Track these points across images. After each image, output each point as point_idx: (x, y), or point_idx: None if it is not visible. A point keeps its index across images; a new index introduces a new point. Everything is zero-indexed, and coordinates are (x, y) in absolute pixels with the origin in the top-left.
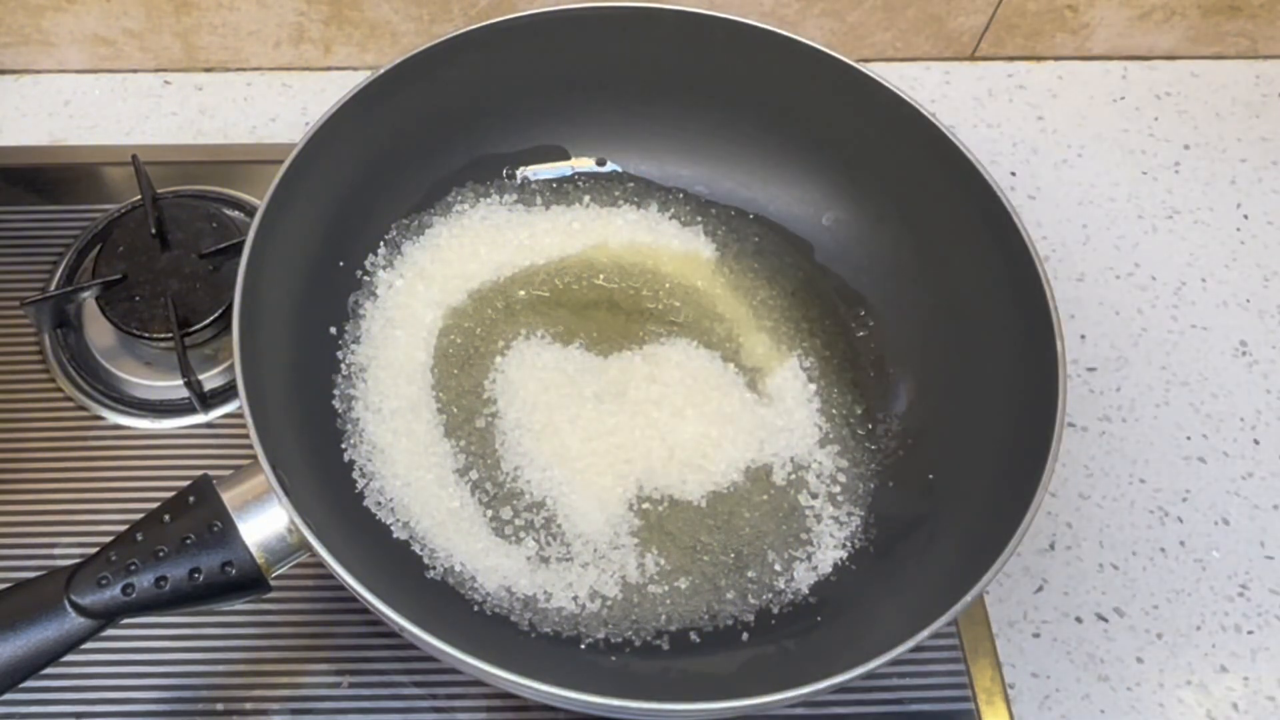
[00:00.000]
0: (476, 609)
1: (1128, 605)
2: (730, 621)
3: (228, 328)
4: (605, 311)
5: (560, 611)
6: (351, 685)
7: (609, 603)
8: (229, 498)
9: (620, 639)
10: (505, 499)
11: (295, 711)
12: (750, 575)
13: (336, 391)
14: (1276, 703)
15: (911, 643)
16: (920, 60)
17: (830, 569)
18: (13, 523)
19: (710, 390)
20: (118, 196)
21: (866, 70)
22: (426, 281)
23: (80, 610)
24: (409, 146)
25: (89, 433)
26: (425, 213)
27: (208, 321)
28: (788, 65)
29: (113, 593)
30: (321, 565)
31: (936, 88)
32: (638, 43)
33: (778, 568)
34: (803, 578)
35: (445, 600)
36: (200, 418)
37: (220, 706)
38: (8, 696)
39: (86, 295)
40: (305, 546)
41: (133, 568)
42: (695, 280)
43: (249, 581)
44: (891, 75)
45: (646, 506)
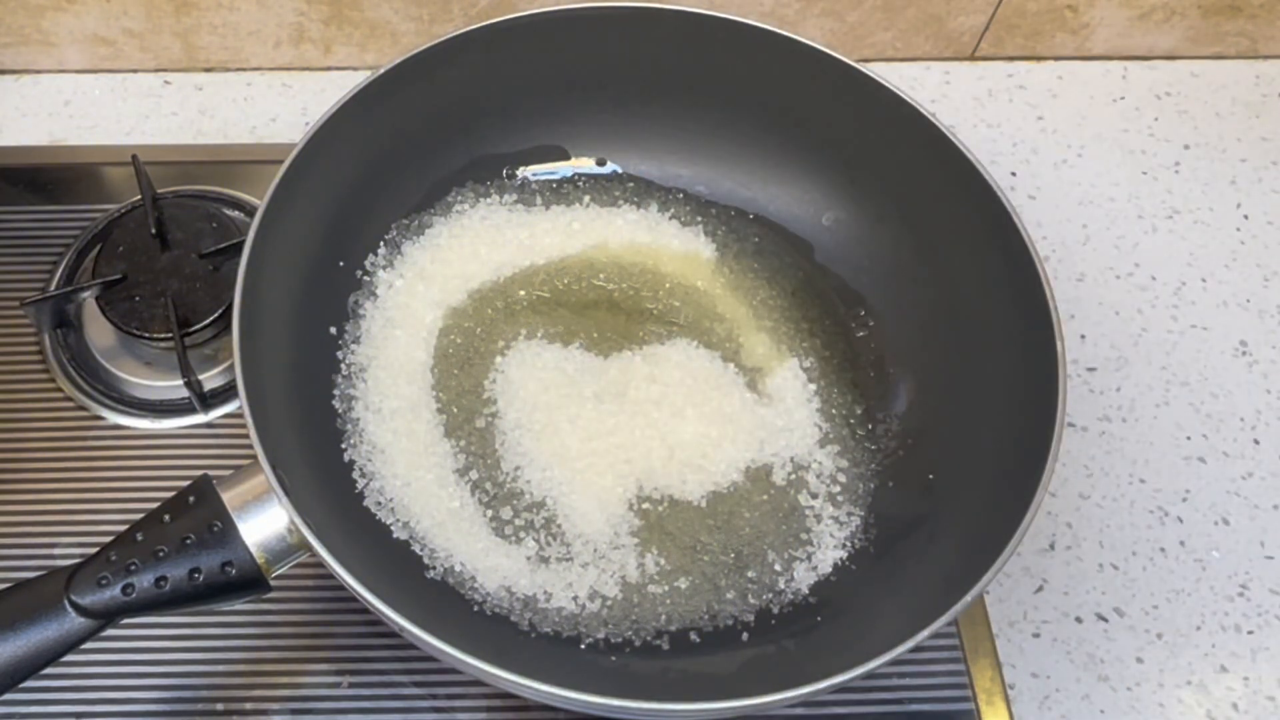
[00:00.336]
0: (476, 609)
1: (1128, 605)
2: (730, 621)
3: (228, 328)
4: (605, 311)
5: (560, 611)
6: (351, 685)
7: (609, 603)
8: (229, 498)
9: (620, 639)
10: (505, 499)
11: (295, 711)
12: (750, 575)
13: (336, 391)
14: (1276, 702)
15: (911, 643)
16: (920, 60)
17: (830, 569)
18: (13, 522)
19: (710, 390)
20: (118, 196)
21: (866, 70)
22: (426, 281)
23: (80, 610)
24: (409, 146)
25: (89, 433)
26: (425, 213)
27: (208, 321)
28: (788, 65)
29: (113, 593)
30: (321, 565)
31: (937, 88)
32: (638, 43)
33: (778, 568)
34: (803, 578)
35: (445, 600)
36: (200, 418)
37: (220, 706)
38: (8, 696)
39: (86, 295)
40: (305, 546)
41: (133, 568)
42: (695, 280)
43: (249, 581)
44: (892, 75)
45: (646, 506)
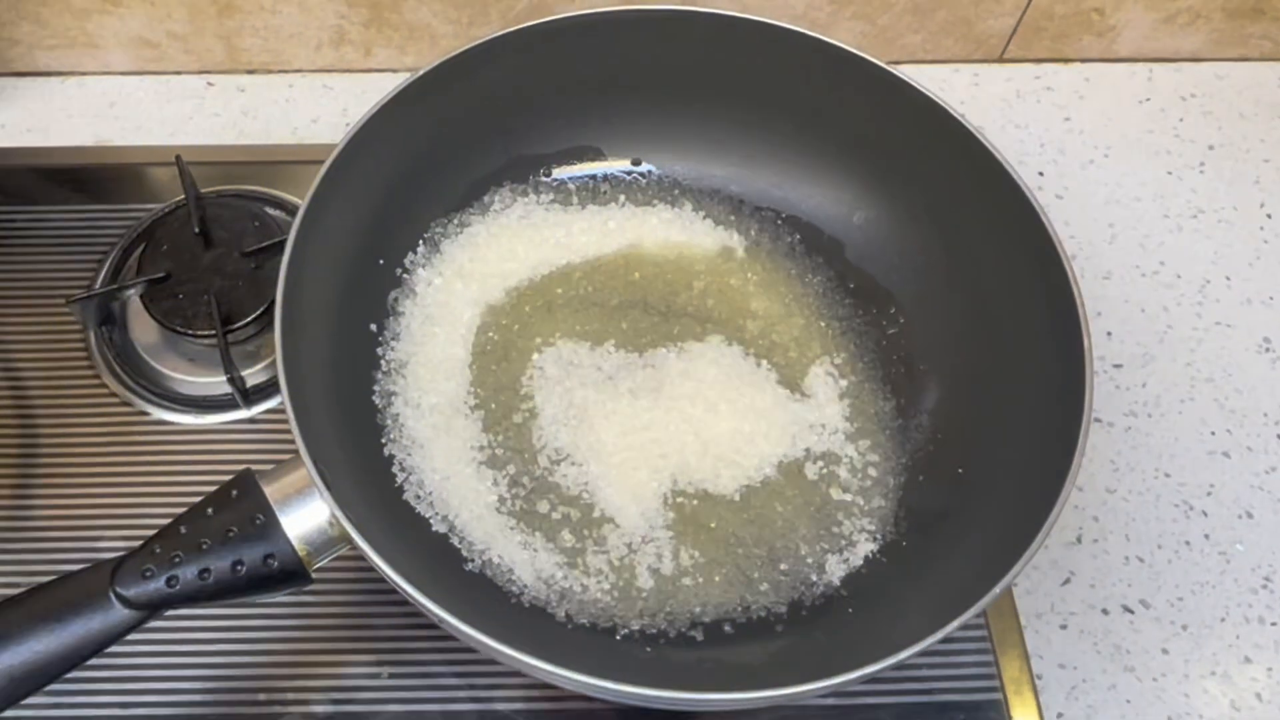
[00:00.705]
0: (514, 601)
1: (1153, 597)
2: (763, 613)
3: (269, 325)
4: (640, 309)
5: (596, 603)
6: (391, 676)
7: (644, 594)
8: (271, 491)
9: (655, 630)
10: (542, 492)
11: (336, 701)
12: (783, 568)
13: (376, 387)
14: None
15: (941, 634)
16: (949, 62)
17: (861, 562)
18: (59, 516)
19: (743, 386)
20: (162, 196)
21: (897, 72)
22: (465, 279)
23: (125, 602)
24: (447, 147)
25: (133, 428)
26: (463, 212)
27: (250, 319)
28: (819, 67)
29: (157, 585)
30: (362, 558)
31: (965, 89)
32: (672, 45)
33: (810, 560)
34: (834, 570)
35: (483, 592)
36: (243, 413)
37: (262, 696)
38: (54, 687)
39: (131, 293)
40: (346, 539)
41: (176, 560)
42: (728, 278)
43: (291, 574)
44: (921, 77)
45: (681, 500)
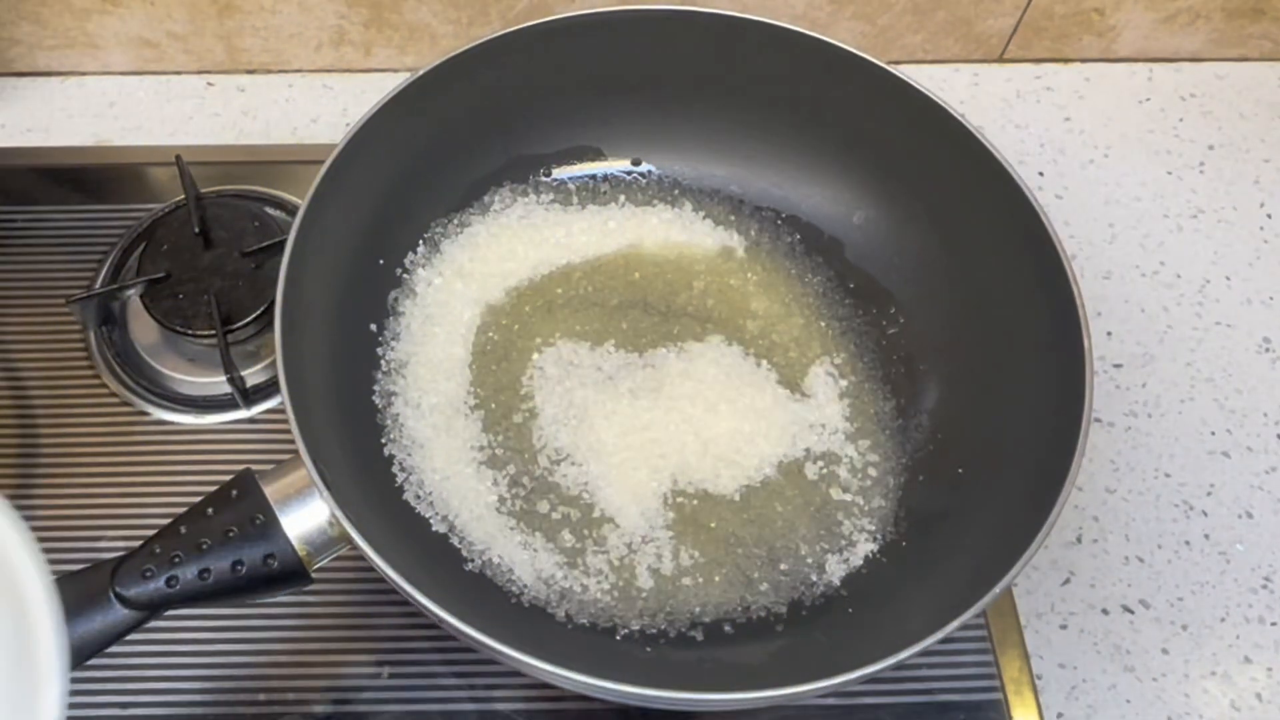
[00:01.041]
0: (514, 600)
1: (1153, 597)
2: (763, 613)
3: (269, 325)
4: (640, 309)
5: (596, 603)
6: (391, 675)
7: (644, 594)
8: (271, 491)
9: (655, 630)
10: (542, 492)
11: (336, 701)
12: (783, 568)
13: (376, 387)
14: None
15: (941, 634)
16: (949, 62)
17: (861, 562)
18: (59, 516)
19: (743, 386)
20: (162, 196)
21: (897, 72)
22: (465, 279)
23: (125, 602)
24: (447, 147)
25: (133, 428)
26: (464, 212)
27: (250, 319)
28: (819, 67)
29: (157, 585)
30: (362, 558)
31: (965, 89)
32: (672, 45)
33: (810, 560)
34: (834, 570)
35: (483, 592)
36: (242, 413)
37: (262, 696)
38: None
39: (131, 293)
40: (346, 539)
41: (176, 560)
42: (728, 278)
43: (291, 574)
44: (921, 77)
45: (681, 500)
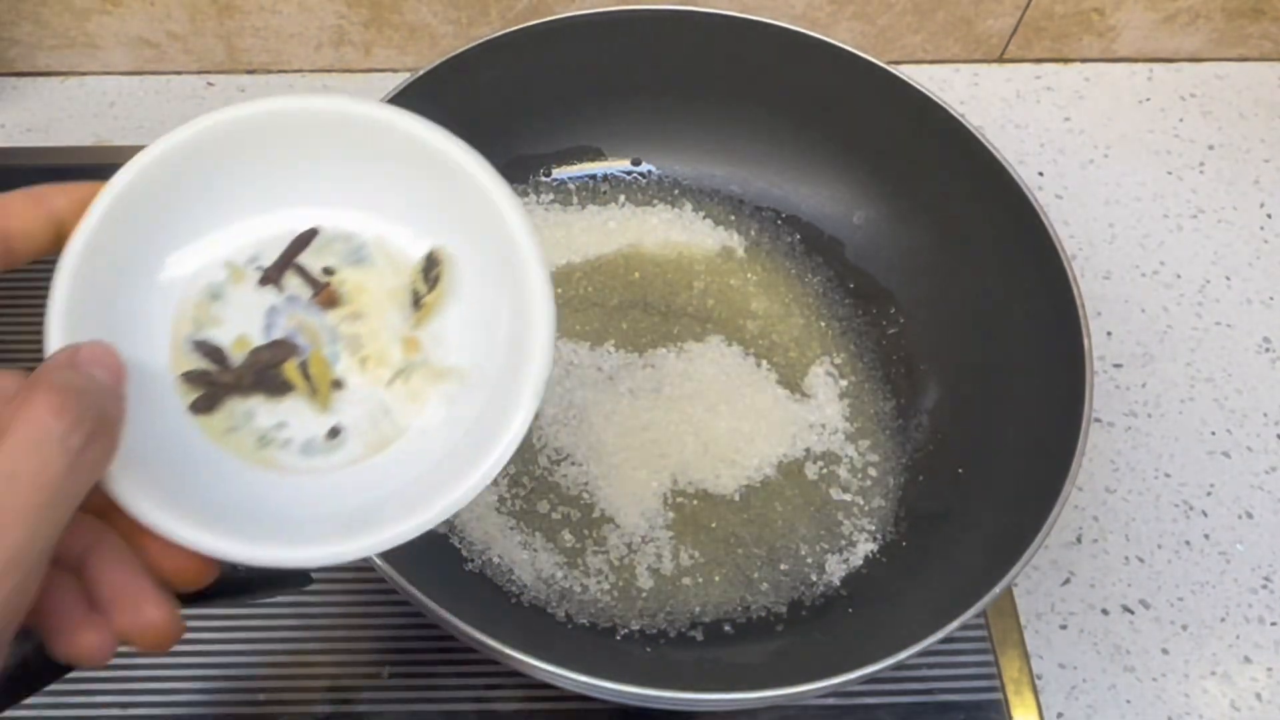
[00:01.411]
0: (514, 600)
1: (1153, 597)
2: (763, 613)
3: None
4: (640, 309)
5: (596, 603)
6: (391, 675)
7: (644, 594)
8: None
9: (655, 630)
10: (542, 492)
11: (336, 701)
12: (783, 568)
13: None
14: None
15: (941, 634)
16: (949, 62)
17: (861, 561)
18: None
19: (743, 386)
20: None
21: (897, 72)
22: None
23: None
24: None
25: None
26: None
27: None
28: (819, 67)
29: None
30: (362, 558)
31: (965, 89)
32: (672, 45)
33: (810, 560)
34: (834, 570)
35: (483, 592)
36: None
37: (262, 696)
38: (54, 687)
39: None
40: None
41: None
42: (728, 278)
43: (291, 574)
44: (921, 77)
45: (681, 500)
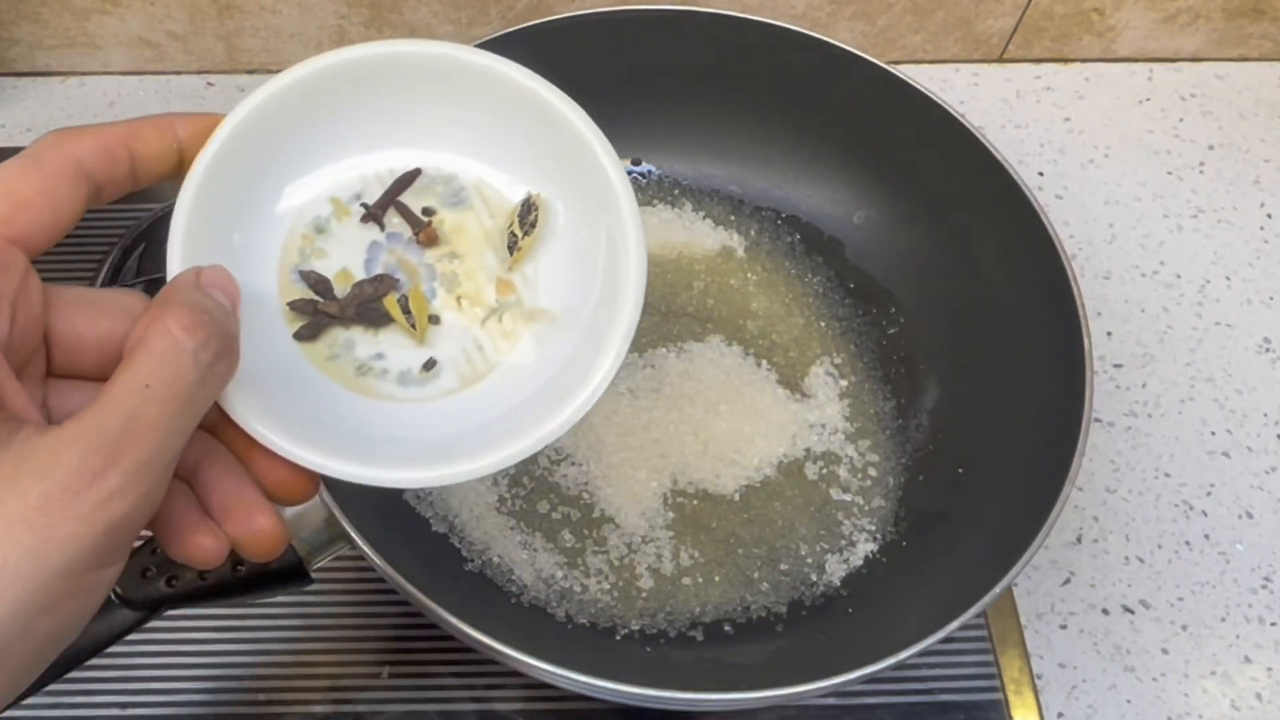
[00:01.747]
0: (514, 600)
1: (1153, 597)
2: (763, 613)
3: None
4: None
5: (596, 603)
6: (391, 675)
7: (644, 594)
8: None
9: (655, 630)
10: (542, 492)
11: (336, 701)
12: (783, 568)
13: None
14: None
15: (941, 634)
16: (949, 62)
17: (861, 561)
18: None
19: (744, 386)
20: (162, 197)
21: (897, 72)
22: None
23: (125, 602)
24: None
25: None
26: None
27: None
28: (819, 67)
29: (157, 584)
30: (362, 558)
31: (965, 89)
32: (672, 45)
33: (810, 560)
34: (834, 570)
35: (483, 592)
36: None
37: (262, 696)
38: (54, 687)
39: None
40: (345, 539)
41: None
42: (729, 278)
43: (290, 574)
44: (921, 77)
45: (681, 500)
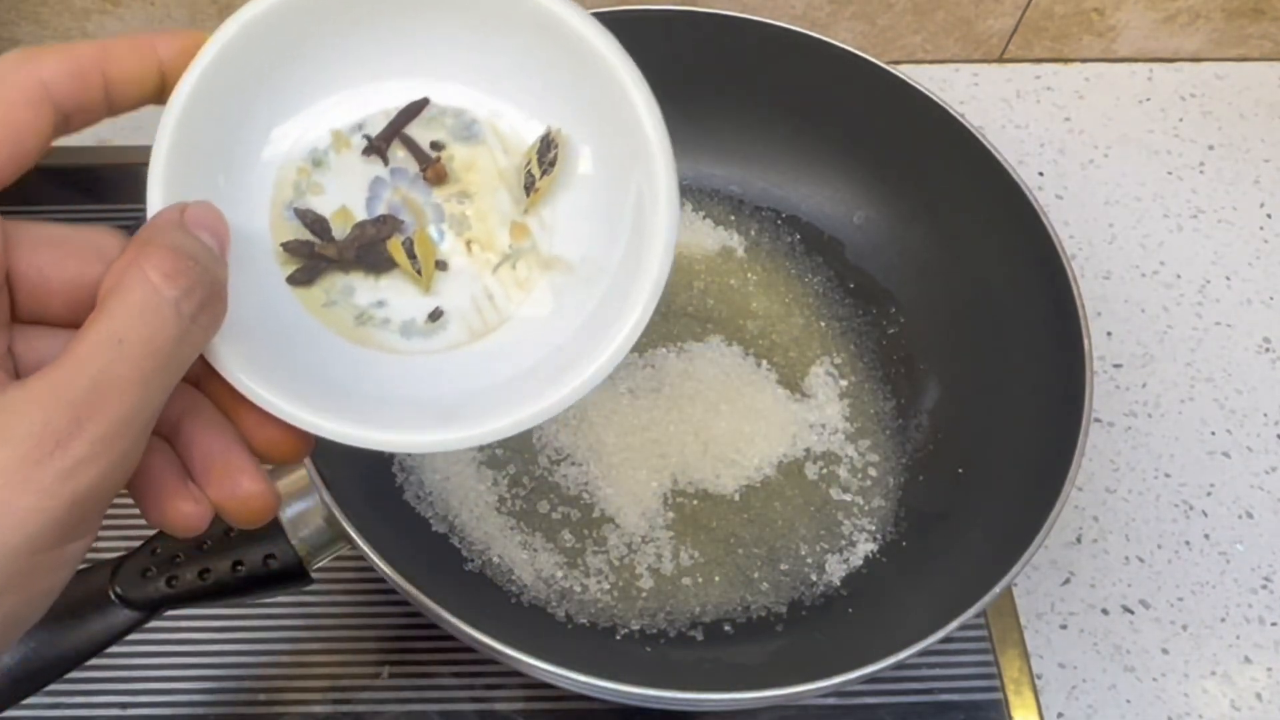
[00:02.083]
0: (514, 600)
1: (1153, 597)
2: (763, 613)
3: None
4: None
5: (596, 603)
6: (391, 675)
7: (644, 594)
8: None
9: (655, 630)
10: (542, 492)
11: (336, 701)
12: (783, 568)
13: None
14: None
15: (941, 634)
16: (949, 62)
17: (861, 561)
18: None
19: (744, 386)
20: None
21: (897, 72)
22: None
23: (125, 602)
24: None
25: None
26: None
27: None
28: (819, 67)
29: (157, 585)
30: (362, 558)
31: (965, 89)
32: (671, 45)
33: (810, 560)
34: (834, 570)
35: (483, 592)
36: None
37: (262, 696)
38: (54, 687)
39: None
40: (346, 539)
41: (176, 560)
42: (729, 279)
43: (290, 573)
44: (921, 77)
45: (681, 500)
